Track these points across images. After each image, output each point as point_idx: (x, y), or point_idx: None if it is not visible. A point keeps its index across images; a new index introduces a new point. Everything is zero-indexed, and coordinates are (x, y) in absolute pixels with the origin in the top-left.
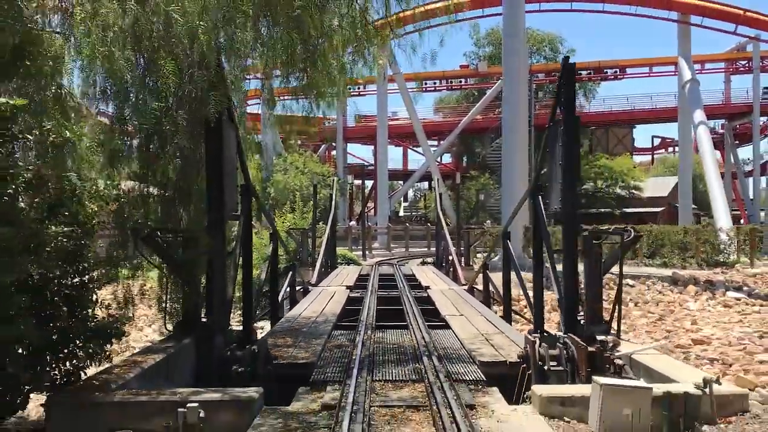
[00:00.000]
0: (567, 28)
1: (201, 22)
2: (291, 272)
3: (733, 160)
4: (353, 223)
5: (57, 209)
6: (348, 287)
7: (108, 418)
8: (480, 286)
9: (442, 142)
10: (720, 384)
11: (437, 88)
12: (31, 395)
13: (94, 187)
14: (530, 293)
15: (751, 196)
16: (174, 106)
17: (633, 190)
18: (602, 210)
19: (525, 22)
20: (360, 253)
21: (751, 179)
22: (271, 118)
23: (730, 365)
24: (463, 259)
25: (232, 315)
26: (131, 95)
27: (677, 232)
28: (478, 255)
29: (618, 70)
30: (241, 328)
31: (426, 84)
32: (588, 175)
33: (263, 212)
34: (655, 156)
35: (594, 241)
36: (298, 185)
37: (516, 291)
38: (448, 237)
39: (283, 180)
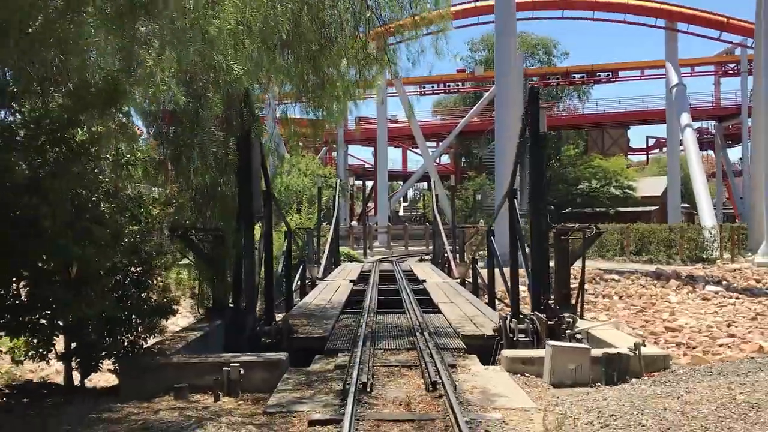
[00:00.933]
0: (561, 31)
1: (243, 67)
2: (302, 267)
3: (723, 160)
4: (354, 223)
5: (124, 212)
6: (351, 281)
7: (169, 377)
8: (471, 279)
9: (440, 143)
10: (645, 347)
11: (435, 92)
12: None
13: (154, 195)
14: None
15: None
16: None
17: (627, 190)
18: (597, 209)
19: (516, 28)
20: (361, 251)
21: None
22: (285, 131)
23: (694, 348)
24: (458, 256)
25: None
26: (191, 122)
27: (663, 230)
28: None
29: (611, 73)
30: (262, 311)
31: (425, 87)
32: (583, 175)
33: (280, 214)
34: (650, 156)
35: (562, 237)
36: (300, 186)
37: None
38: (443, 235)
39: (286, 181)
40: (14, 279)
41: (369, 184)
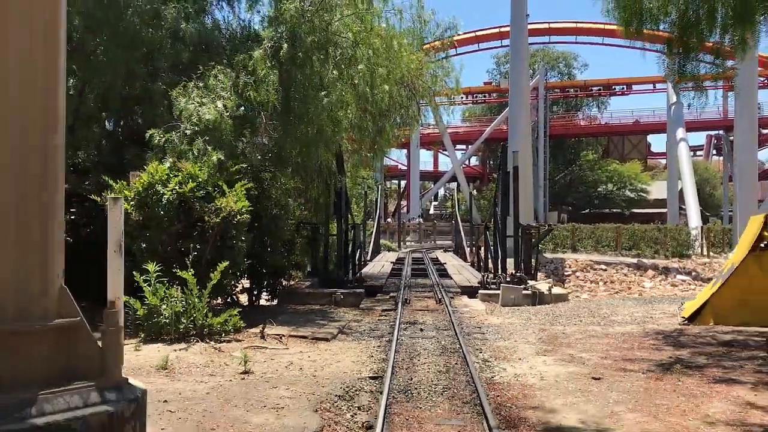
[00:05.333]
0: (579, 47)
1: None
2: (359, 250)
3: (730, 167)
4: (390, 219)
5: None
6: (392, 262)
7: (303, 299)
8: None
9: (469, 146)
10: (554, 288)
11: (464, 102)
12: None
13: (296, 204)
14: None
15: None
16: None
17: (640, 193)
18: (614, 210)
19: (529, 52)
20: (396, 244)
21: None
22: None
23: None
24: (473, 248)
25: None
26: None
27: (652, 230)
28: None
29: (625, 86)
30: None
31: (454, 98)
32: (600, 178)
33: (350, 213)
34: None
35: (526, 231)
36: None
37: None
38: (462, 231)
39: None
40: None
41: (402, 183)
